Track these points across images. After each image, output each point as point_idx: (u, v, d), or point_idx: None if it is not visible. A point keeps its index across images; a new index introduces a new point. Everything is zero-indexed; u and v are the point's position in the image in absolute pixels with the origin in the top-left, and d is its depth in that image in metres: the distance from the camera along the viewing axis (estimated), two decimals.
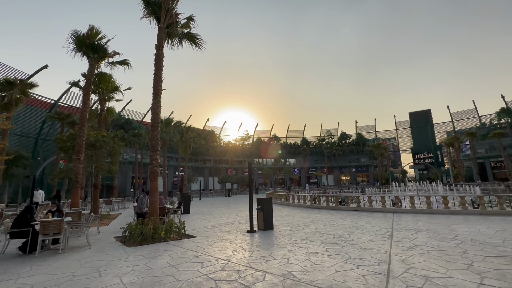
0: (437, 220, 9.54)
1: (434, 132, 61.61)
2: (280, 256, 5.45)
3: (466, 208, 11.12)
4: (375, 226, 8.57)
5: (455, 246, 5.71)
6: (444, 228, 7.90)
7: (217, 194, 40.67)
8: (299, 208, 15.92)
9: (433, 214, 11.03)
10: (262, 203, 8.93)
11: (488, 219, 9.34)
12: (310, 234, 7.72)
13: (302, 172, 65.98)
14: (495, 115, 51.86)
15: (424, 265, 4.53)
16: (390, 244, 6.09)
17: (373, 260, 4.88)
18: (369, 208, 13.24)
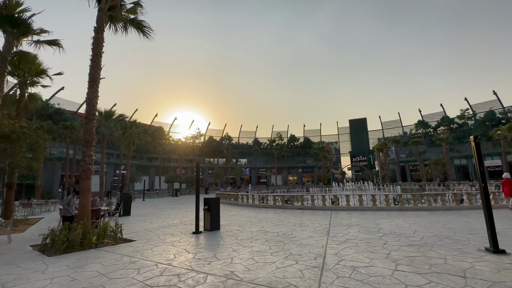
0: (366, 216, 10.78)
1: (368, 138, 69.73)
2: (224, 256, 5.41)
3: (389, 205, 12.86)
4: (315, 223, 9.24)
5: (378, 238, 6.53)
6: (371, 223, 8.99)
7: (163, 195, 38.42)
8: (248, 208, 16.14)
9: (364, 211, 12.44)
10: (209, 203, 8.76)
11: (405, 214, 10.97)
12: (256, 233, 7.88)
13: (252, 172, 67.19)
14: (414, 126, 61.60)
15: (353, 256, 5.05)
16: (326, 239, 6.62)
17: (311, 255, 5.24)
18: (312, 206, 14.22)
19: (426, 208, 11.97)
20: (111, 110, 28.70)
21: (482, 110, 52.92)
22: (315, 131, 77.33)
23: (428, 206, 12.16)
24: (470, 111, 54.81)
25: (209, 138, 67.72)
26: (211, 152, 65.40)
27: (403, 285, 3.63)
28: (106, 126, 26.34)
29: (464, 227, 7.67)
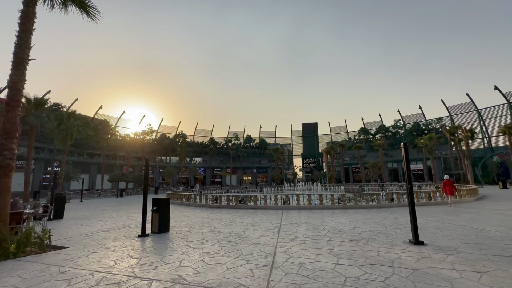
0: (314, 214, 11.50)
1: (318, 141, 74.74)
2: (172, 260, 5.14)
3: (334, 204, 13.95)
4: (267, 222, 9.48)
5: (324, 235, 7.02)
6: (318, 220, 9.61)
7: (106, 195, 34.89)
8: (200, 208, 15.72)
9: (312, 210, 13.26)
10: (158, 204, 8.25)
11: (347, 212, 12.03)
12: (208, 234, 7.71)
13: (207, 171, 65.83)
14: (357, 132, 68.28)
15: (301, 253, 5.32)
16: (277, 238, 6.84)
17: (261, 254, 5.34)
18: (264, 206, 14.56)
19: (364, 206, 13.34)
20: (44, 98, 24.86)
21: (410, 121, 61.49)
22: (270, 133, 79.62)
23: (366, 204, 13.56)
24: (401, 121, 63.15)
25: (161, 135, 64.01)
26: (163, 150, 61.94)
27: (343, 277, 3.95)
28: (36, 116, 22.71)
29: (394, 222, 8.76)
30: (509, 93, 46.71)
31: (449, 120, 55.19)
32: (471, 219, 8.98)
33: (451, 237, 6.46)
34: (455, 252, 5.15)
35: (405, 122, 62.62)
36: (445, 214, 10.37)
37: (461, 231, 7.07)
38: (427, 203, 14.27)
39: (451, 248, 5.41)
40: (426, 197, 15.01)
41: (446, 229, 7.39)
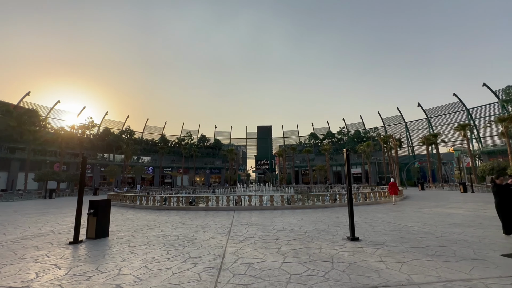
0: (264, 215, 11.81)
1: (272, 144, 77.19)
2: (110, 268, 4.68)
3: (284, 205, 14.55)
4: (218, 224, 9.37)
5: (272, 235, 7.26)
6: (268, 221, 9.90)
7: (30, 196, 29.91)
8: (147, 210, 14.69)
9: (263, 210, 13.59)
10: (96, 206, 7.42)
11: (295, 212, 12.68)
12: (153, 237, 7.24)
13: (156, 171, 61.94)
14: (307, 137, 72.71)
15: (250, 254, 5.39)
16: (227, 239, 6.81)
17: (210, 256, 5.24)
18: (216, 207, 14.37)
19: (311, 206, 14.25)
20: None
21: (353, 129, 68.16)
22: (225, 134, 79.17)
23: (312, 204, 14.50)
24: (345, 129, 69.53)
25: (104, 130, 57.85)
26: (106, 147, 56.06)
27: (288, 275, 4.14)
28: None
29: (335, 221, 9.56)
30: (429, 109, 55.59)
31: (384, 130, 62.94)
32: (396, 217, 10.37)
33: (380, 232, 7.35)
34: (383, 246, 5.88)
35: (348, 130, 69.11)
36: (377, 213, 11.76)
37: (388, 227, 8.10)
38: (363, 203, 15.96)
39: (380, 243, 6.16)
40: (362, 197, 16.77)
41: (377, 226, 8.39)
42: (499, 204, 6.79)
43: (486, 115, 45.73)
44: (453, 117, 51.51)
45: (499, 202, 6.78)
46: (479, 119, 47.09)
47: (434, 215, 10.61)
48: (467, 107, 49.57)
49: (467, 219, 9.38)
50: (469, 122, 46.26)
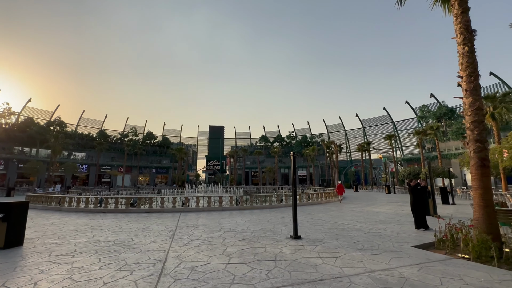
0: (212, 216, 11.61)
1: (223, 145, 76.68)
2: (22, 282, 3.96)
3: (232, 205, 14.56)
4: (161, 227, 8.83)
5: (219, 236, 7.18)
6: (215, 222, 9.77)
7: None
8: (77, 214, 12.95)
9: (211, 211, 13.35)
10: (8, 209, 6.21)
11: (243, 212, 12.80)
12: (83, 244, 6.41)
13: (92, 169, 55.22)
14: (258, 139, 74.49)
15: (194, 256, 5.22)
16: (170, 243, 6.47)
17: (150, 262, 4.89)
18: (161, 209, 13.53)
19: (259, 207, 14.60)
20: None
21: (301, 134, 72.52)
22: (175, 131, 75.52)
23: (260, 205, 14.87)
24: (294, 133, 73.55)
25: (26, 120, 49.06)
26: (27, 140, 47.53)
27: (232, 276, 4.14)
28: None
29: (281, 221, 9.98)
30: (364, 120, 62.87)
31: (327, 136, 68.65)
32: (334, 216, 11.38)
33: (320, 230, 7.96)
34: (321, 243, 6.37)
35: (296, 134, 73.27)
36: (318, 212, 12.72)
37: (327, 225, 8.83)
38: (306, 203, 17.07)
39: (319, 240, 6.66)
40: (306, 198, 17.93)
41: (317, 224, 9.06)
42: (412, 202, 8.07)
43: (407, 128, 53.96)
44: (383, 128, 59.32)
45: (413, 201, 8.05)
46: (402, 131, 55.30)
47: (364, 214, 12.00)
48: (393, 120, 57.69)
49: (389, 217, 10.86)
50: (394, 133, 53.85)
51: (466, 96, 5.90)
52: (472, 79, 5.82)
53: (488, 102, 21.35)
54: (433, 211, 10.82)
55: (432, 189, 11.51)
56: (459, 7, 6.07)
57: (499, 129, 22.15)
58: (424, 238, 6.75)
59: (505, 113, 21.25)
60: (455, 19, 6.16)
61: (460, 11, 6.05)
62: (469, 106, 5.82)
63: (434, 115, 47.28)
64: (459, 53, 6.10)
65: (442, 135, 43.25)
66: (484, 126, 5.81)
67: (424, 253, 5.42)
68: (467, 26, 5.97)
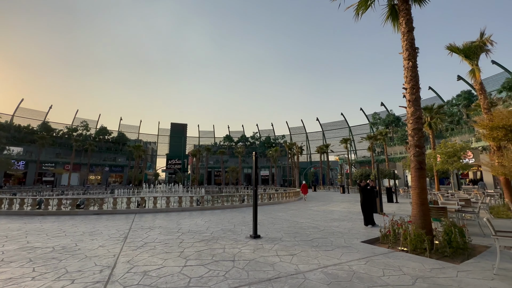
0: (171, 217, 11.12)
1: (186, 143, 74.14)
2: None
3: (192, 206, 14.14)
4: (112, 229, 8.15)
5: (177, 238, 6.89)
6: (174, 223, 9.37)
7: None
8: (9, 217, 11.23)
9: (170, 212, 12.77)
10: None
11: (204, 213, 12.51)
12: (13, 252, 5.58)
13: (31, 166, 48.62)
14: (223, 139, 73.76)
15: (147, 260, 4.91)
16: (122, 246, 6.00)
17: (96, 269, 4.46)
18: (113, 210, 12.51)
19: (220, 207, 14.43)
20: None
21: (265, 135, 73.76)
22: (133, 127, 70.70)
23: (221, 205, 14.71)
24: (258, 134, 74.51)
25: None
26: None
27: (188, 278, 4.00)
28: None
29: (242, 220, 9.99)
30: (324, 124, 66.55)
31: (290, 138, 71.00)
32: (293, 215, 11.79)
33: (279, 229, 8.16)
34: (280, 241, 6.53)
35: (260, 135, 74.33)
36: (278, 211, 13.05)
37: (286, 224, 9.10)
38: (268, 203, 17.40)
39: (278, 239, 6.82)
40: (267, 198, 18.28)
41: (277, 223, 9.29)
42: (362, 201, 8.76)
43: (361, 133, 58.59)
44: (340, 132, 63.52)
45: (362, 200, 8.75)
46: (356, 135, 59.88)
47: (321, 212, 12.67)
48: (349, 125, 62.16)
49: (343, 215, 11.65)
50: (350, 137, 58.02)
51: (409, 106, 6.61)
52: (414, 91, 6.55)
53: (426, 112, 24.29)
54: (379, 209, 11.90)
55: (379, 189, 12.66)
56: (406, 26, 6.78)
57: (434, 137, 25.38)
58: (372, 234, 7.38)
59: (439, 123, 24.42)
60: (402, 36, 6.87)
61: (407, 30, 6.76)
62: (411, 115, 6.54)
63: (383, 122, 52.16)
64: (404, 67, 6.81)
65: (390, 141, 47.94)
66: (422, 133, 6.57)
67: (371, 247, 5.92)
68: (412, 43, 6.71)
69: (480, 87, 13.28)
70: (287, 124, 72.44)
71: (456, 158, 18.98)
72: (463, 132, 35.69)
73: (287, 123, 72.51)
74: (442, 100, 43.56)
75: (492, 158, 13.04)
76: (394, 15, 7.74)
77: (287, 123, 72.47)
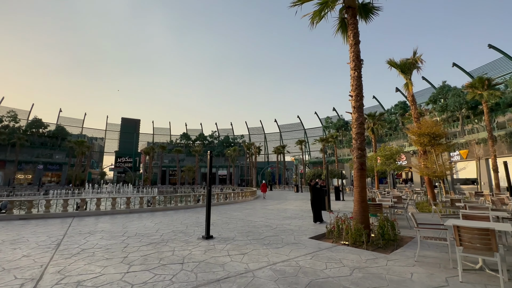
0: (116, 219, 10.23)
1: (138, 140, 69.20)
2: None
3: (142, 207, 13.25)
4: (42, 236, 7.15)
5: (121, 242, 6.37)
6: (119, 226, 8.64)
7: None
8: None
9: (116, 214, 11.74)
10: None
11: (155, 214, 11.83)
12: None
13: None
14: (179, 136, 70.83)
15: (83, 269, 4.43)
16: (52, 255, 5.29)
17: (15, 283, 3.85)
18: (45, 214, 10.96)
19: (173, 208, 13.81)
20: None
21: (224, 134, 73.12)
22: (75, 121, 63.19)
23: (174, 206, 14.10)
24: (217, 133, 73.53)
25: None
26: None
27: (130, 286, 3.72)
28: None
29: (195, 221, 9.72)
30: (282, 125, 68.91)
31: (248, 138, 71.70)
32: (248, 214, 11.92)
33: (232, 229, 8.16)
34: (232, 241, 6.53)
35: (219, 134, 73.48)
36: (234, 211, 13.06)
37: (240, 224, 9.15)
38: (224, 202, 17.28)
39: (231, 238, 6.82)
40: (223, 197, 18.15)
41: (231, 223, 9.28)
42: (312, 200, 9.31)
43: (314, 135, 62.23)
44: (296, 134, 66.50)
45: (312, 199, 9.30)
46: (311, 137, 63.44)
47: (275, 211, 13.07)
48: (304, 128, 65.52)
49: (295, 213, 12.21)
50: (305, 139, 61.20)
51: (354, 112, 7.25)
52: (358, 98, 7.21)
53: (370, 119, 27.02)
54: (328, 206, 12.80)
55: (328, 188, 13.61)
56: (353, 39, 7.42)
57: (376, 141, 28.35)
58: (319, 230, 7.88)
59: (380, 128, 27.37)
60: (350, 48, 7.50)
61: (354, 42, 7.41)
62: (355, 120, 7.18)
63: (335, 126, 56.27)
64: (351, 76, 7.44)
65: (340, 143, 51.96)
66: (364, 137, 7.27)
67: (317, 243, 6.31)
68: (358, 55, 7.37)
69: (412, 98, 15.28)
70: (246, 124, 73.19)
71: (392, 160, 21.51)
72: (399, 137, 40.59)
73: (246, 123, 73.36)
74: (383, 109, 48.85)
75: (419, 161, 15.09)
76: (344, 27, 8.39)
77: (246, 123, 73.23)
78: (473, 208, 7.52)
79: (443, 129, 14.71)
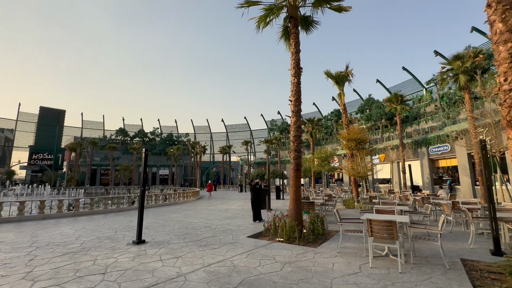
0: (24, 227, 8.58)
1: (62, 134, 59.66)
2: None
3: (61, 211, 11.43)
4: None
5: (27, 254, 5.35)
6: (27, 235, 7.26)
7: None
8: None
9: (24, 221, 9.83)
10: None
11: (78, 219, 10.34)
12: None
13: None
14: (115, 132, 63.89)
15: None
16: None
17: None
18: None
19: (102, 211, 12.33)
20: None
21: (167, 131, 68.98)
22: None
23: (104, 209, 12.60)
24: (159, 130, 68.91)
25: None
26: None
27: None
28: None
29: (126, 225, 8.86)
30: (228, 125, 68.86)
31: (194, 136, 69.36)
32: (188, 215, 11.49)
33: (169, 231, 7.73)
34: (167, 244, 6.18)
35: (162, 131, 69.03)
36: (173, 212, 12.40)
37: (178, 226, 8.74)
38: (163, 204, 16.27)
39: (165, 242, 6.44)
40: (163, 199, 17.09)
41: (168, 225, 8.78)
42: (252, 199, 9.54)
43: (260, 136, 64.14)
44: (242, 135, 67.37)
45: (252, 198, 9.53)
46: (256, 138, 65.15)
47: (216, 211, 12.94)
48: (251, 129, 66.91)
49: (236, 212, 12.31)
50: (251, 140, 62.53)
51: (293, 116, 7.72)
52: (297, 103, 7.70)
53: (309, 123, 29.30)
54: (268, 205, 13.31)
55: (269, 187, 14.17)
56: (294, 47, 7.91)
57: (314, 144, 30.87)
58: (258, 228, 8.11)
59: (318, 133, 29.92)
60: (291, 55, 7.97)
61: (295, 51, 7.89)
62: (293, 124, 7.65)
63: (279, 129, 59.05)
64: (291, 82, 7.91)
65: (283, 145, 54.74)
66: (301, 140, 7.81)
67: (254, 241, 6.48)
68: (298, 63, 7.88)
69: (344, 107, 17.16)
70: (192, 122, 70.71)
71: (326, 162, 23.75)
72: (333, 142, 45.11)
73: (192, 121, 70.77)
74: (321, 115, 53.57)
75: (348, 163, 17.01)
76: (287, 35, 8.87)
77: (192, 121, 70.71)
78: (385, 203, 8.86)
79: (367, 136, 16.98)
